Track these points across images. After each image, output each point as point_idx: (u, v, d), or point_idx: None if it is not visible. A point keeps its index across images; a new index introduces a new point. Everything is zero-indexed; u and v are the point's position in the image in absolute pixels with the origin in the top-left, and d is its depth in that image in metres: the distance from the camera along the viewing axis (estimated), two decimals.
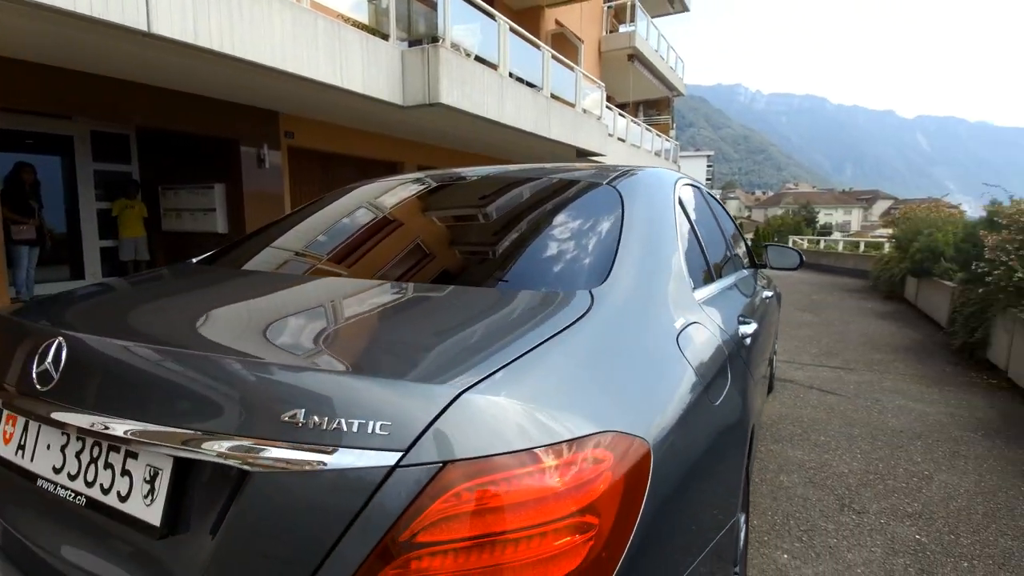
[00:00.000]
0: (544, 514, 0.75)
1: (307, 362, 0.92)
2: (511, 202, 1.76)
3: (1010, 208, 5.45)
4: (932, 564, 2.32)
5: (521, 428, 0.78)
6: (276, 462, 0.78)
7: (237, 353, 0.95)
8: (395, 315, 1.18)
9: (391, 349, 0.97)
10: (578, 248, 1.42)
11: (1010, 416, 4.24)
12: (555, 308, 1.11)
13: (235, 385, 0.87)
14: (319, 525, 0.75)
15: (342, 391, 0.81)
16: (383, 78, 6.88)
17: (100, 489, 0.96)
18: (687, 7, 22.66)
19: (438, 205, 1.91)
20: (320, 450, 0.76)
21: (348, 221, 1.86)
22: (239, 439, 0.81)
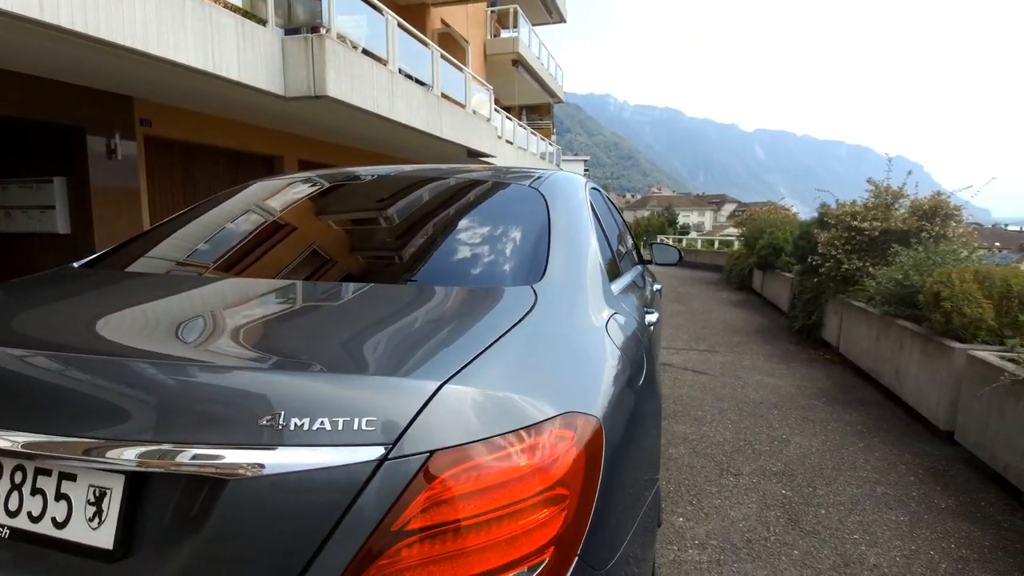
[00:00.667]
0: (524, 490, 0.81)
1: (278, 364, 0.89)
2: (443, 202, 1.79)
3: (837, 210, 6.50)
4: (797, 513, 2.74)
5: (497, 414, 0.84)
6: (255, 467, 0.76)
7: (197, 359, 0.90)
8: (354, 314, 1.17)
9: (361, 347, 0.98)
10: (515, 247, 1.50)
11: (843, 385, 5.09)
12: (505, 303, 1.18)
13: (198, 392, 0.83)
14: (306, 525, 0.75)
15: (323, 391, 0.81)
16: (262, 66, 6.41)
17: (28, 518, 0.85)
18: (564, 18, 23.81)
19: (366, 204, 1.87)
20: (303, 450, 0.76)
21: (270, 220, 1.77)
22: (210, 447, 0.77)
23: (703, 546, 2.42)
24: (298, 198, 1.90)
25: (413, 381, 0.83)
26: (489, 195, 1.83)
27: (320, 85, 6.81)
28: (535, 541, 0.82)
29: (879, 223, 6.00)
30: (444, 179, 1.91)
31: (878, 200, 6.38)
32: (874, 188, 6.49)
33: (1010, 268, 3.90)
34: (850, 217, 6.20)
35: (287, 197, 1.91)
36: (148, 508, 0.82)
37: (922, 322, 4.19)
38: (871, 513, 2.73)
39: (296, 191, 1.96)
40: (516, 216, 1.66)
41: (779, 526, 2.60)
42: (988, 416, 3.08)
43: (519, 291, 1.25)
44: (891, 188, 6.37)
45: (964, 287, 3.70)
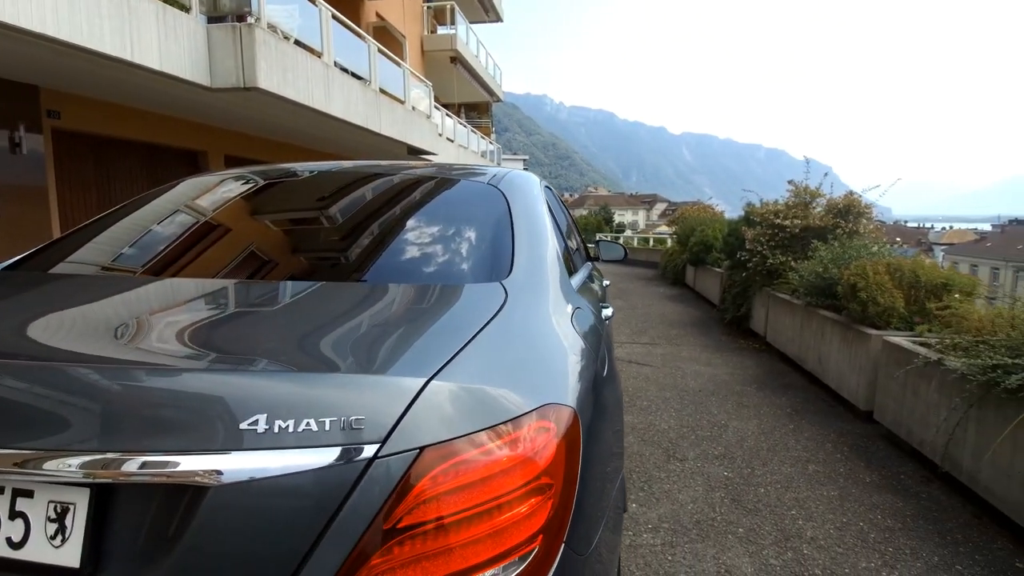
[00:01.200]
0: (511, 482, 0.82)
1: (257, 366, 0.85)
2: (407, 199, 1.77)
3: (761, 209, 6.92)
4: (739, 493, 2.90)
5: (481, 409, 0.84)
6: (236, 473, 0.72)
7: (170, 363, 0.85)
8: (331, 314, 1.14)
9: (342, 346, 0.95)
10: (482, 244, 1.51)
11: (772, 371, 5.43)
12: (478, 300, 1.18)
13: (174, 397, 0.78)
14: (293, 529, 0.72)
15: (308, 391, 0.79)
16: (186, 55, 6.02)
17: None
18: (500, 17, 23.91)
19: (327, 201, 1.81)
20: (289, 453, 0.73)
21: (227, 219, 1.69)
22: (187, 455, 0.73)
23: (656, 530, 2.52)
24: (250, 195, 1.81)
25: (400, 378, 0.82)
26: (451, 192, 1.82)
27: (250, 76, 6.49)
28: (524, 531, 0.83)
29: (799, 221, 6.44)
30: (401, 175, 1.88)
31: (798, 199, 6.86)
32: (794, 188, 6.97)
33: (917, 261, 4.30)
34: (773, 215, 6.63)
35: (234, 194, 1.82)
36: (118, 522, 0.76)
37: (841, 311, 4.54)
38: (805, 490, 2.94)
39: (243, 188, 1.87)
40: (480, 213, 1.66)
41: (724, 506, 2.75)
42: (904, 396, 3.39)
43: (490, 287, 1.26)
44: (809, 188, 6.86)
45: (877, 279, 4.04)
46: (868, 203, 6.40)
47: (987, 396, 2.59)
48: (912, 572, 2.23)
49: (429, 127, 12.46)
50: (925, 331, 3.63)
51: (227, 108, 7.75)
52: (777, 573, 2.23)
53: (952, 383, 2.89)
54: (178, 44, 5.90)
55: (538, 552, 0.83)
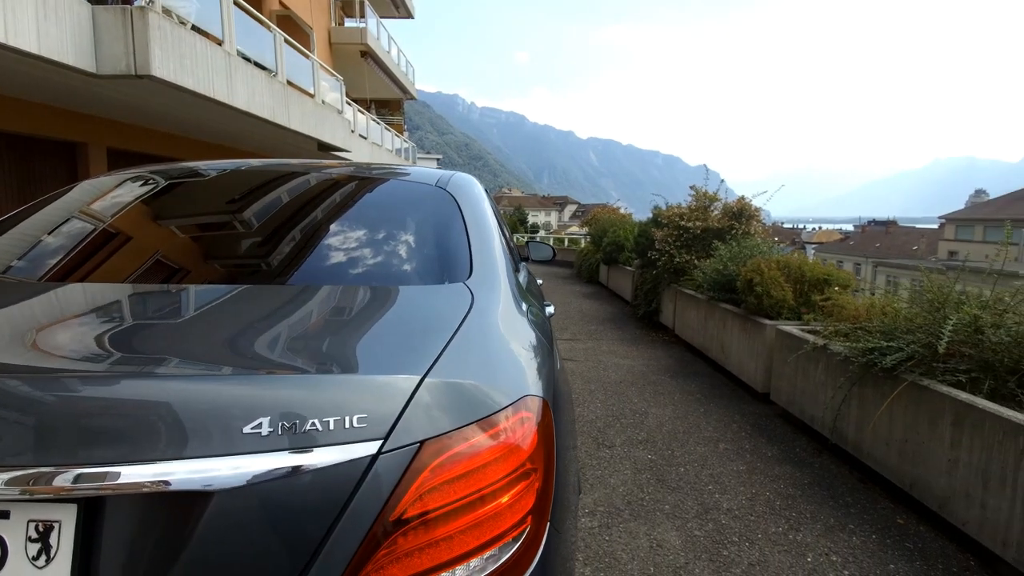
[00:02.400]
0: (502, 470, 0.88)
1: (258, 369, 0.86)
2: (359, 201, 1.76)
3: (667, 212, 7.43)
4: (662, 473, 3.13)
5: (470, 403, 0.89)
6: (244, 476, 0.73)
7: (167, 370, 0.83)
8: (317, 315, 1.13)
9: (334, 347, 0.97)
10: (442, 246, 1.54)
11: (681, 360, 5.86)
12: (448, 300, 1.23)
13: (176, 404, 0.77)
14: (304, 527, 0.74)
15: (309, 393, 0.81)
16: (68, 38, 5.40)
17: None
18: (411, 14, 23.54)
19: (278, 201, 1.74)
20: (294, 454, 0.75)
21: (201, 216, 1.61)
22: (187, 460, 0.72)
23: (593, 513, 2.67)
24: (201, 194, 1.72)
25: (396, 377, 0.86)
26: (403, 194, 1.83)
27: (143, 63, 5.95)
28: (516, 513, 0.89)
29: (700, 223, 6.99)
30: (347, 176, 1.87)
31: (698, 203, 7.44)
32: (695, 193, 7.55)
33: (802, 258, 4.84)
34: (679, 217, 7.14)
35: (197, 193, 1.73)
36: (110, 538, 0.73)
37: (740, 304, 5.00)
38: (718, 466, 3.23)
39: (195, 187, 1.77)
40: (435, 216, 1.69)
41: (650, 486, 2.96)
42: (795, 378, 3.82)
43: (456, 288, 1.31)
44: (708, 193, 7.47)
45: (771, 274, 4.51)
46: (757, 207, 7.08)
47: (866, 375, 3.00)
48: (813, 533, 2.55)
49: (341, 123, 12.05)
50: (811, 320, 4.11)
51: (114, 97, 7.04)
52: (701, 543, 2.45)
53: (836, 365, 3.31)
54: (59, 26, 5.29)
55: (529, 532, 0.90)
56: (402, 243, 1.57)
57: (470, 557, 0.83)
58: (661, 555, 2.36)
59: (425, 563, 0.80)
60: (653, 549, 2.40)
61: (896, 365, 2.78)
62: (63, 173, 8.67)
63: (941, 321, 2.80)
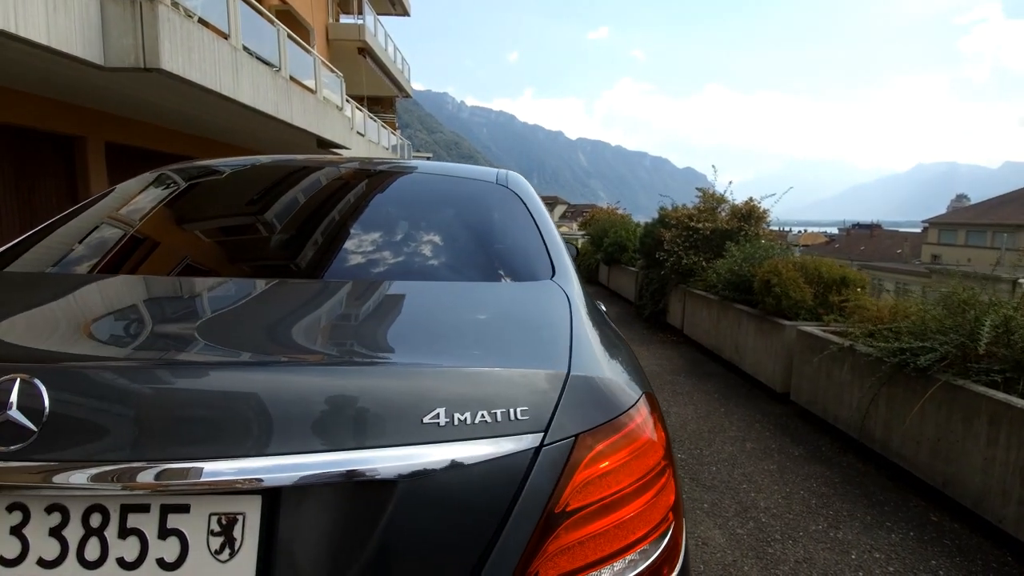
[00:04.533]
0: (646, 464, 0.88)
1: (427, 361, 0.86)
2: (439, 199, 1.76)
3: (676, 213, 7.47)
4: (696, 472, 3.15)
5: (610, 398, 0.90)
6: (428, 464, 0.74)
7: (341, 359, 0.85)
8: (438, 309, 1.14)
9: (482, 341, 0.98)
10: (521, 243, 1.54)
11: (694, 360, 5.90)
12: (547, 297, 1.23)
13: (358, 394, 0.78)
14: (480, 516, 0.74)
15: (477, 385, 0.81)
16: (76, 30, 5.31)
17: (118, 565, 0.70)
18: (408, 11, 23.45)
19: (373, 199, 1.75)
20: (470, 444, 0.76)
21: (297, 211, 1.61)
22: (370, 450, 0.73)
23: None
24: (290, 189, 1.71)
25: (547, 371, 0.86)
26: (473, 192, 1.83)
27: (152, 56, 5.86)
28: (662, 508, 0.89)
29: (709, 224, 7.05)
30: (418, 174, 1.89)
31: (706, 204, 7.49)
32: (703, 194, 7.60)
33: (819, 259, 4.90)
34: (687, 218, 7.19)
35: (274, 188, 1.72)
36: (293, 528, 0.73)
37: (755, 305, 5.05)
38: (748, 465, 3.26)
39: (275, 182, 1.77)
40: (508, 214, 1.70)
41: (686, 485, 2.98)
42: (818, 378, 3.87)
43: (548, 285, 1.32)
44: (715, 194, 7.52)
45: (789, 275, 4.56)
46: (765, 209, 7.15)
47: (897, 376, 3.04)
48: (853, 531, 2.58)
49: (341, 119, 11.98)
50: (831, 321, 4.16)
51: (117, 90, 6.93)
52: (746, 541, 2.47)
53: (863, 365, 3.35)
54: (68, 17, 5.20)
55: (674, 527, 0.90)
56: (487, 240, 1.59)
57: (625, 553, 0.83)
58: (708, 553, 2.38)
59: (588, 556, 0.80)
60: (699, 547, 2.41)
61: (930, 365, 2.82)
62: (61, 167, 8.51)
63: (973, 322, 2.85)
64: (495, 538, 0.74)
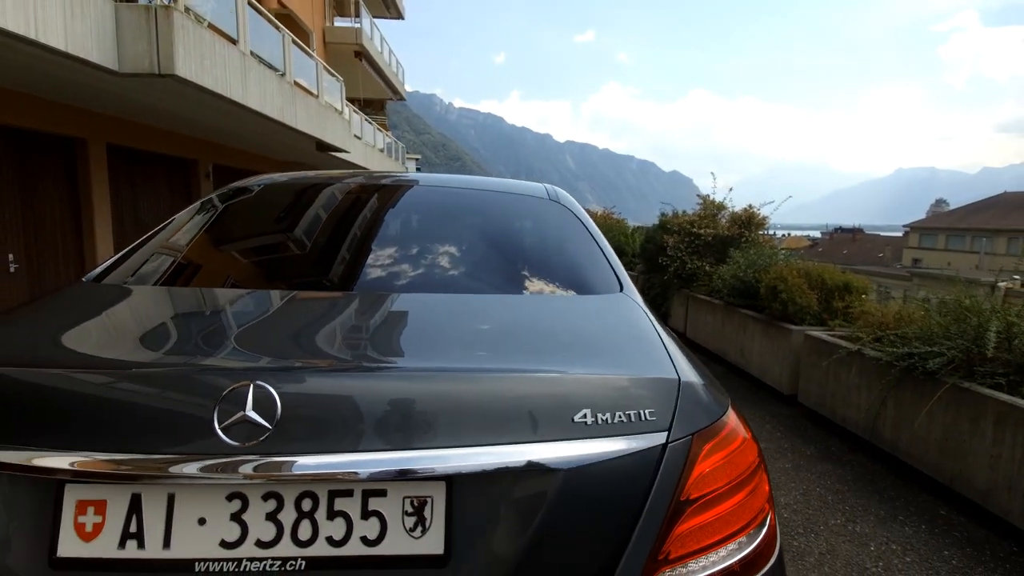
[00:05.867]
0: (746, 459, 1.01)
1: (571, 366, 0.99)
2: (503, 215, 1.87)
3: (679, 219, 7.66)
4: None
5: (712, 401, 1.03)
6: (581, 458, 0.86)
7: (495, 366, 0.97)
8: (556, 319, 1.26)
9: (600, 349, 1.11)
10: (588, 257, 1.66)
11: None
12: (627, 308, 1.37)
13: (517, 393, 0.90)
14: (624, 503, 0.87)
15: (612, 388, 0.94)
16: (92, 36, 5.34)
17: (328, 543, 0.82)
18: (402, 14, 23.50)
19: (444, 214, 1.85)
20: (613, 440, 0.88)
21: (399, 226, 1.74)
22: (527, 444, 0.85)
23: None
24: (378, 205, 1.82)
25: (665, 376, 1.00)
26: (529, 209, 1.93)
27: (167, 62, 5.91)
28: (759, 499, 1.02)
29: (711, 230, 7.24)
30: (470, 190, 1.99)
31: (706, 211, 7.69)
32: (703, 201, 7.80)
33: (823, 266, 5.09)
34: (689, 225, 7.38)
35: (343, 201, 1.83)
36: (468, 510, 0.85)
37: (761, 310, 5.23)
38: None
39: (340, 195, 1.88)
40: (570, 229, 1.81)
41: None
42: (827, 381, 4.05)
43: (622, 297, 1.45)
44: (715, 201, 7.72)
45: (794, 281, 4.75)
46: (764, 216, 7.36)
47: (905, 378, 3.22)
48: (869, 524, 2.75)
49: (342, 123, 12.03)
50: (837, 325, 4.35)
51: (122, 93, 6.94)
52: None
53: (872, 369, 3.53)
54: (84, 23, 5.24)
55: (770, 516, 1.04)
56: (556, 255, 1.69)
57: (734, 537, 0.96)
58: None
59: (704, 540, 0.93)
60: None
61: (939, 369, 3.00)
62: (62, 168, 8.47)
63: (976, 328, 3.03)
64: (635, 522, 0.87)
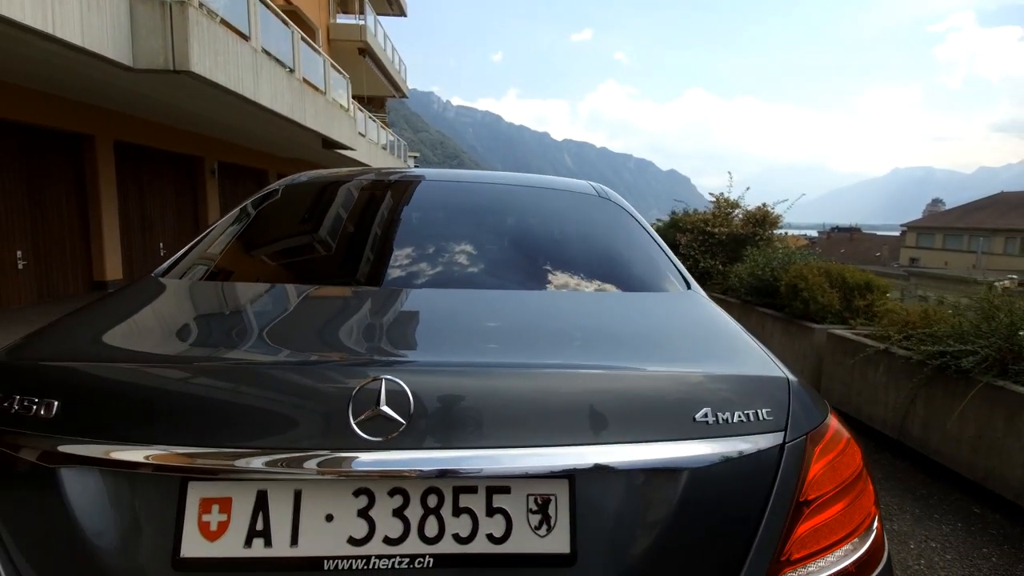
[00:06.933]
0: (854, 460, 1.01)
1: (690, 366, 0.98)
2: (561, 212, 1.85)
3: (691, 217, 7.67)
4: None
5: (817, 401, 1.03)
6: (707, 457, 0.86)
7: (617, 366, 0.95)
8: (646, 317, 1.26)
9: (701, 345, 1.11)
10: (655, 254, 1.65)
11: None
12: (705, 305, 1.37)
13: (633, 393, 0.90)
14: (748, 502, 0.87)
15: (729, 388, 0.94)
16: (108, 31, 5.32)
17: (454, 540, 0.81)
18: (404, 12, 23.43)
19: (512, 213, 1.83)
20: (734, 440, 0.88)
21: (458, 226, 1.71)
22: (654, 443, 0.85)
23: None
24: (438, 202, 1.80)
25: (776, 375, 0.99)
26: (587, 206, 1.92)
27: (181, 59, 5.89)
28: (868, 500, 1.02)
29: (725, 229, 7.25)
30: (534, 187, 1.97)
31: (720, 209, 7.70)
32: (716, 199, 7.81)
33: (844, 265, 5.09)
34: (703, 223, 7.39)
35: (415, 198, 1.81)
36: (591, 508, 0.84)
37: (781, 309, 5.23)
38: None
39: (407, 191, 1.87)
40: (628, 227, 1.80)
41: None
42: (852, 380, 4.05)
43: (695, 295, 1.46)
44: (729, 199, 7.73)
45: (815, 280, 4.75)
46: (778, 214, 7.37)
47: (937, 377, 3.23)
48: (907, 523, 2.75)
49: (348, 120, 12.00)
50: (858, 324, 4.36)
51: (132, 89, 6.92)
52: None
53: (900, 367, 3.54)
54: (100, 18, 5.21)
55: (878, 518, 1.03)
56: (625, 251, 1.68)
57: (848, 539, 0.94)
58: None
59: (821, 542, 0.92)
60: None
61: (973, 367, 3.01)
62: (70, 164, 8.43)
63: (1008, 327, 3.04)
64: (759, 523, 0.86)
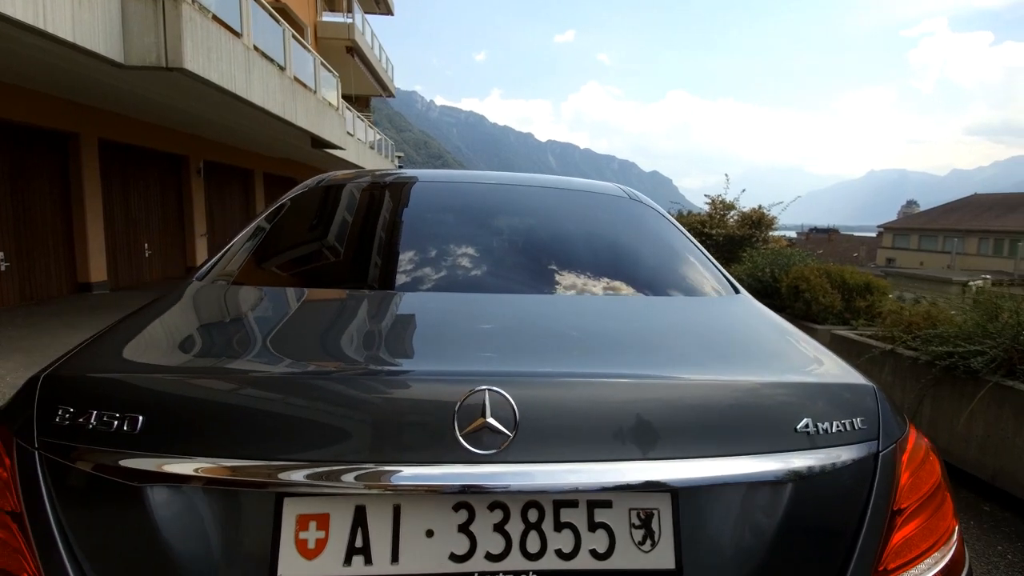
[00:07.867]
0: (935, 469, 0.99)
1: (784, 376, 0.97)
2: (601, 215, 1.83)
3: (689, 219, 7.73)
4: None
5: (899, 409, 1.03)
6: (811, 469, 0.84)
7: (706, 378, 0.93)
8: (727, 324, 1.24)
9: (781, 354, 1.10)
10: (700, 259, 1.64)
11: None
12: (766, 312, 1.36)
13: (733, 405, 0.88)
14: (847, 512, 0.86)
15: (827, 397, 0.93)
16: (99, 27, 5.17)
17: (557, 556, 0.79)
18: (391, 10, 23.26)
19: (551, 215, 1.80)
20: (835, 450, 0.87)
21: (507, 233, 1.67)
22: (757, 457, 0.83)
23: None
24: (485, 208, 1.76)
25: (864, 383, 0.99)
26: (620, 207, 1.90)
27: (175, 56, 5.76)
28: (948, 511, 1.01)
29: (722, 230, 7.32)
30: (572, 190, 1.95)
31: (716, 211, 7.77)
32: (712, 201, 7.88)
33: (843, 267, 5.17)
34: (700, 225, 7.45)
35: (461, 202, 1.77)
36: (695, 522, 0.82)
37: (781, 310, 5.29)
38: None
39: (450, 195, 1.82)
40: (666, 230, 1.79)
41: None
42: None
43: (751, 300, 1.45)
44: (725, 201, 7.81)
45: (816, 281, 4.81)
46: (773, 216, 7.46)
47: (945, 377, 3.28)
48: None
49: (338, 119, 11.87)
50: (860, 325, 4.42)
51: (120, 87, 6.74)
52: None
53: (906, 368, 3.59)
54: (91, 13, 5.06)
55: (958, 529, 1.02)
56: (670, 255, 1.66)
57: (936, 547, 0.93)
58: None
59: (913, 551, 0.91)
60: None
61: (982, 367, 3.06)
62: (55, 163, 8.20)
63: (1014, 327, 3.10)
64: (858, 533, 0.85)
